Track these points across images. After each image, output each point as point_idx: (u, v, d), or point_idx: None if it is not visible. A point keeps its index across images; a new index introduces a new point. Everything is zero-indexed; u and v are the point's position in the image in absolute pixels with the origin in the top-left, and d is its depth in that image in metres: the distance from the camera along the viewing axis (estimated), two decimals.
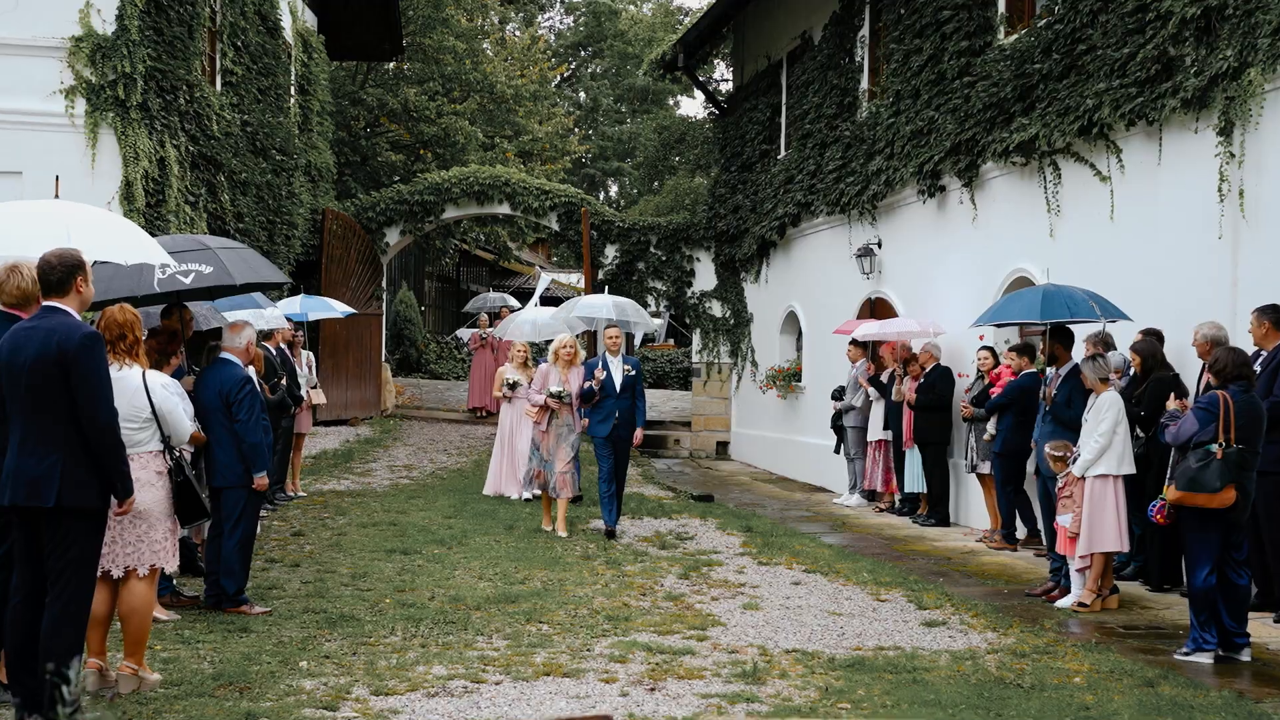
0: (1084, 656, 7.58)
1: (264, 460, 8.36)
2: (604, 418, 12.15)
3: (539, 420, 12.34)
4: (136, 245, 6.94)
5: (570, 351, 12.32)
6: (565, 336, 12.59)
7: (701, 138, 42.42)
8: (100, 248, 6.56)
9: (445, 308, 38.69)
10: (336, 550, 11.07)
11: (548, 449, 12.26)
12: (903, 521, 14.16)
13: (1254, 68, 9.31)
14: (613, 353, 12.26)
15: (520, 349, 15.17)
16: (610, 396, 12.10)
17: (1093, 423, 8.99)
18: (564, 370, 12.30)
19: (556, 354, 12.35)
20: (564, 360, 12.32)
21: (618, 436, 12.19)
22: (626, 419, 12.21)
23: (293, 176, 20.27)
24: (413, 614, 8.48)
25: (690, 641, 7.95)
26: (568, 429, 12.26)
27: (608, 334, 12.44)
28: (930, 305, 14.80)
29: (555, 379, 12.26)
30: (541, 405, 12.31)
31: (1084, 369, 9.05)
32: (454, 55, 28.10)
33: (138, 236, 7.09)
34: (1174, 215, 10.47)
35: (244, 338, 8.47)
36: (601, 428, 12.18)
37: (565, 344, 12.40)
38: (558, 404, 12.20)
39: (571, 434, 12.23)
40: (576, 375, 12.28)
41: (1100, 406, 8.98)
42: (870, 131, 16.17)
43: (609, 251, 23.23)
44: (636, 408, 12.31)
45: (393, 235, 23.92)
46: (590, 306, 14.77)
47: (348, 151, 27.08)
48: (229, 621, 8.10)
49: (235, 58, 18.15)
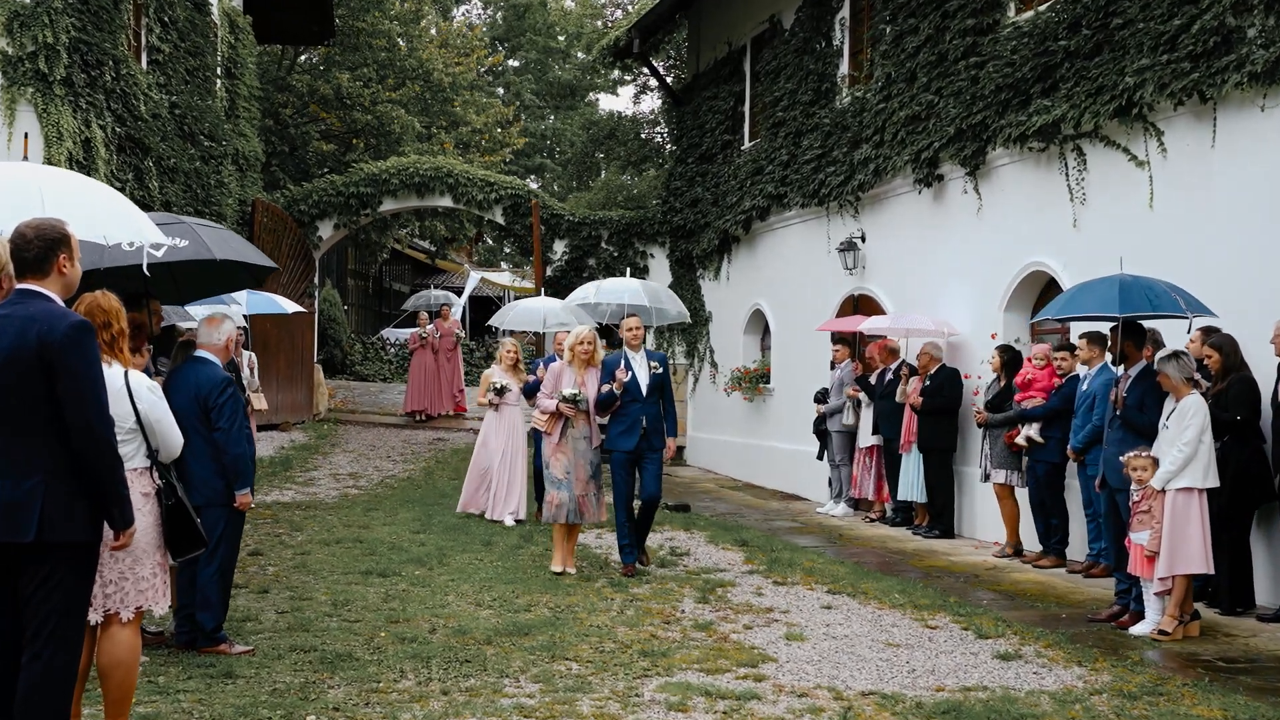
0: (1206, 698, 6.66)
1: (248, 474, 7.14)
2: (628, 427, 10.18)
3: (550, 431, 10.28)
4: (125, 220, 5.69)
5: (589, 349, 10.30)
6: (584, 330, 10.49)
7: (633, 133, 41.39)
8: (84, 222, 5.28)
9: (369, 307, 37.21)
10: (304, 572, 9.86)
11: (562, 466, 10.25)
12: (901, 533, 13.24)
13: None
14: (633, 348, 10.34)
15: (510, 349, 13.41)
16: (635, 401, 10.17)
17: (1175, 430, 8.09)
18: (580, 370, 10.30)
19: (573, 350, 10.33)
20: (580, 359, 10.29)
21: (645, 450, 10.25)
22: (655, 427, 10.23)
23: (221, 164, 18.89)
24: (417, 651, 7.33)
25: (748, 683, 6.90)
26: (585, 441, 10.30)
27: (626, 325, 10.48)
28: (925, 302, 13.90)
29: (569, 380, 10.26)
30: (554, 412, 10.29)
31: (1167, 369, 8.14)
32: (389, 40, 26.71)
33: (126, 209, 5.82)
34: (1233, 201, 9.65)
35: (223, 333, 7.23)
36: (625, 439, 10.19)
37: (584, 339, 10.35)
38: (573, 410, 10.21)
39: (590, 447, 10.33)
40: (594, 377, 10.35)
41: (1184, 412, 8.09)
42: (855, 118, 15.25)
43: (558, 247, 22.10)
44: (666, 413, 10.39)
45: (326, 229, 22.53)
46: (613, 292, 12.50)
47: (275, 140, 25.59)
48: (208, 664, 6.87)
49: (162, 34, 16.74)
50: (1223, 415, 8.63)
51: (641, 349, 10.35)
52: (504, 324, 14.42)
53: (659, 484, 10.34)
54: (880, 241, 15.05)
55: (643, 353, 10.32)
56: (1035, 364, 11.39)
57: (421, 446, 19.94)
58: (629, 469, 10.28)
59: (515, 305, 14.51)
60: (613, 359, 10.31)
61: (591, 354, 10.30)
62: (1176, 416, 8.10)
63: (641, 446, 10.19)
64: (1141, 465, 8.23)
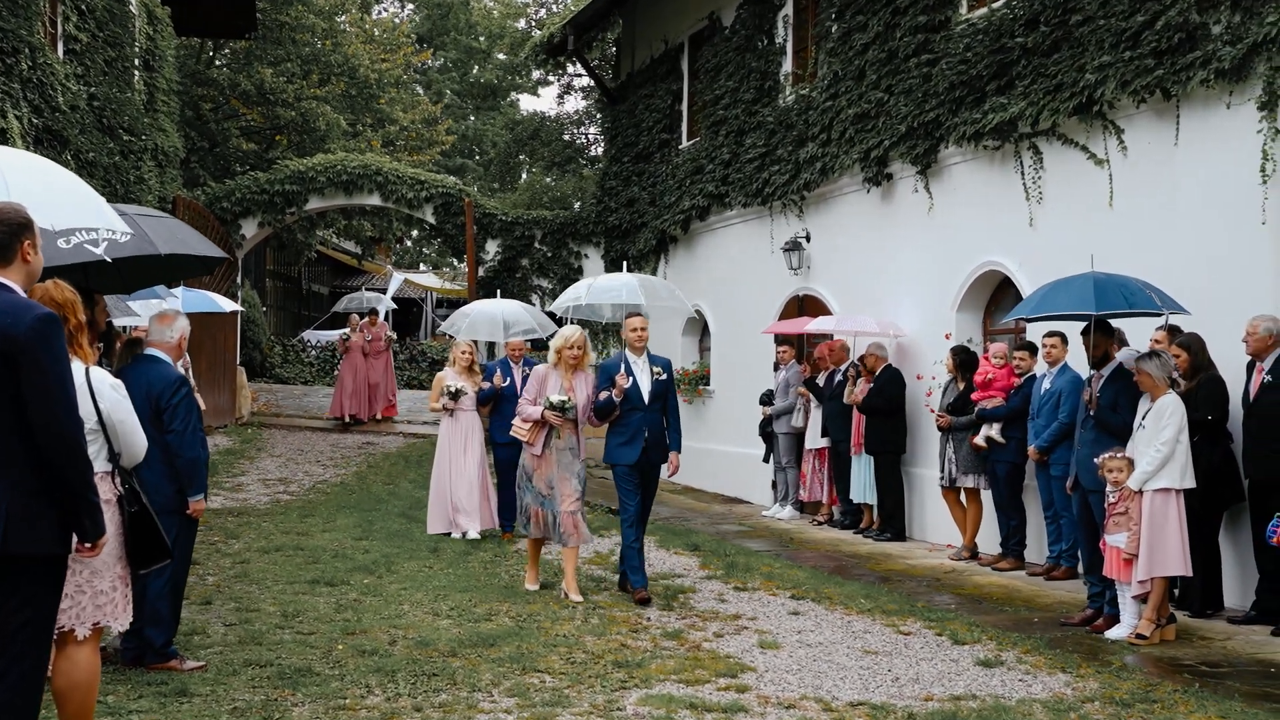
0: (1202, 705, 6.49)
1: (202, 480, 6.70)
2: (629, 438, 9.26)
3: (532, 441, 9.31)
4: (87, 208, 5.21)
5: (578, 353, 9.29)
6: (573, 332, 9.36)
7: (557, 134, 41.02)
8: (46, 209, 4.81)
9: (288, 309, 36.38)
10: (247, 582, 9.41)
11: (545, 480, 9.30)
12: (852, 536, 13.05)
13: None
14: (636, 351, 9.38)
15: (465, 349, 12.40)
16: (637, 409, 9.24)
17: (1152, 430, 7.95)
18: (567, 375, 9.31)
19: (560, 354, 9.30)
20: (568, 362, 9.29)
21: (647, 463, 9.33)
22: (658, 439, 9.32)
23: (141, 159, 18.22)
24: (380, 664, 6.94)
25: (731, 694, 6.62)
26: (571, 453, 9.30)
27: (630, 325, 9.45)
28: (873, 302, 13.75)
29: (556, 385, 9.29)
30: (537, 420, 9.27)
31: (1148, 368, 7.99)
32: (313, 34, 26.07)
33: (88, 196, 5.34)
34: (1197, 200, 9.58)
35: (176, 330, 6.77)
36: (627, 451, 9.27)
37: (573, 341, 9.27)
38: (559, 419, 9.21)
39: (576, 460, 9.32)
40: (583, 382, 9.37)
41: (1161, 411, 7.95)
42: (800, 116, 15.07)
43: (490, 247, 21.69)
44: (669, 424, 9.50)
45: (250, 227, 21.90)
46: (608, 290, 10.83)
47: (195, 136, 24.83)
48: (159, 682, 6.42)
49: (79, 23, 16.08)
50: (1192, 415, 8.52)
51: (645, 352, 9.44)
52: (459, 332, 13.06)
53: (653, 496, 9.61)
54: (826, 241, 14.88)
55: (645, 356, 9.41)
56: (994, 363, 11.25)
57: (351, 450, 19.40)
58: (635, 483, 9.33)
59: (470, 310, 13.34)
60: (612, 363, 9.44)
61: (580, 357, 9.35)
62: (1153, 416, 7.97)
63: (644, 460, 9.28)
64: (1117, 467, 8.08)
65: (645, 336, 9.40)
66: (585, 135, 41.36)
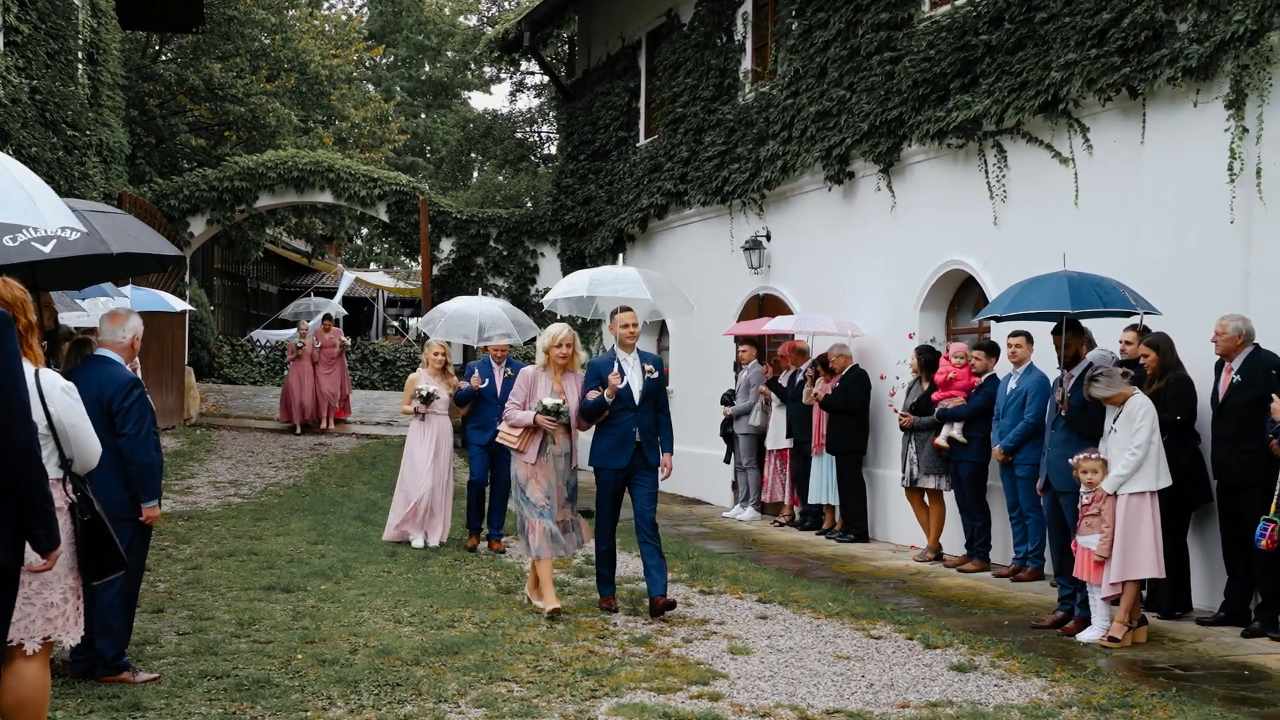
0: (1181, 710, 6.40)
1: (156, 485, 6.47)
2: (618, 441, 8.69)
3: (524, 449, 8.71)
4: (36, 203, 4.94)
5: (567, 351, 8.75)
6: (562, 330, 8.82)
7: (510, 132, 40.76)
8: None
9: (236, 308, 35.85)
10: (200, 589, 9.13)
11: (542, 490, 8.71)
12: (814, 537, 12.94)
13: (1275, 32, 8.42)
14: (627, 348, 8.78)
15: (438, 350, 11.74)
16: (626, 410, 8.65)
17: (1124, 433, 7.86)
18: (557, 376, 8.79)
19: (548, 353, 8.78)
20: (557, 362, 8.78)
21: (638, 467, 8.76)
22: (649, 441, 8.73)
23: (85, 155, 17.80)
24: (341, 674, 6.72)
25: (704, 702, 6.46)
26: (565, 459, 8.80)
27: (620, 321, 8.81)
28: (835, 302, 13.64)
29: (546, 387, 8.75)
30: (529, 426, 8.71)
31: (1099, 393, 7.81)
32: (262, 28, 25.62)
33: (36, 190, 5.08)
34: (1164, 198, 9.52)
35: (128, 330, 6.51)
36: (615, 456, 8.71)
37: (562, 340, 8.75)
38: (554, 424, 8.66)
39: (569, 466, 8.85)
40: (573, 384, 8.83)
41: (1133, 414, 7.85)
42: (761, 114, 14.94)
43: (444, 245, 21.42)
44: (662, 424, 8.91)
45: (198, 225, 21.48)
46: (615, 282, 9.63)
47: (141, 131, 24.33)
48: (111, 695, 6.16)
49: (20, 14, 15.64)
50: (1161, 415, 8.43)
51: (635, 350, 8.84)
52: (434, 332, 12.34)
53: (654, 506, 8.81)
54: (787, 240, 14.76)
55: (635, 354, 8.81)
56: (955, 362, 11.17)
57: (303, 452, 19.07)
58: (618, 491, 8.83)
59: (447, 308, 12.59)
60: (601, 361, 8.85)
61: (571, 357, 8.80)
62: (1125, 419, 7.87)
63: (634, 463, 8.73)
64: (1092, 468, 7.99)
65: (636, 333, 8.84)
66: (538, 134, 41.15)
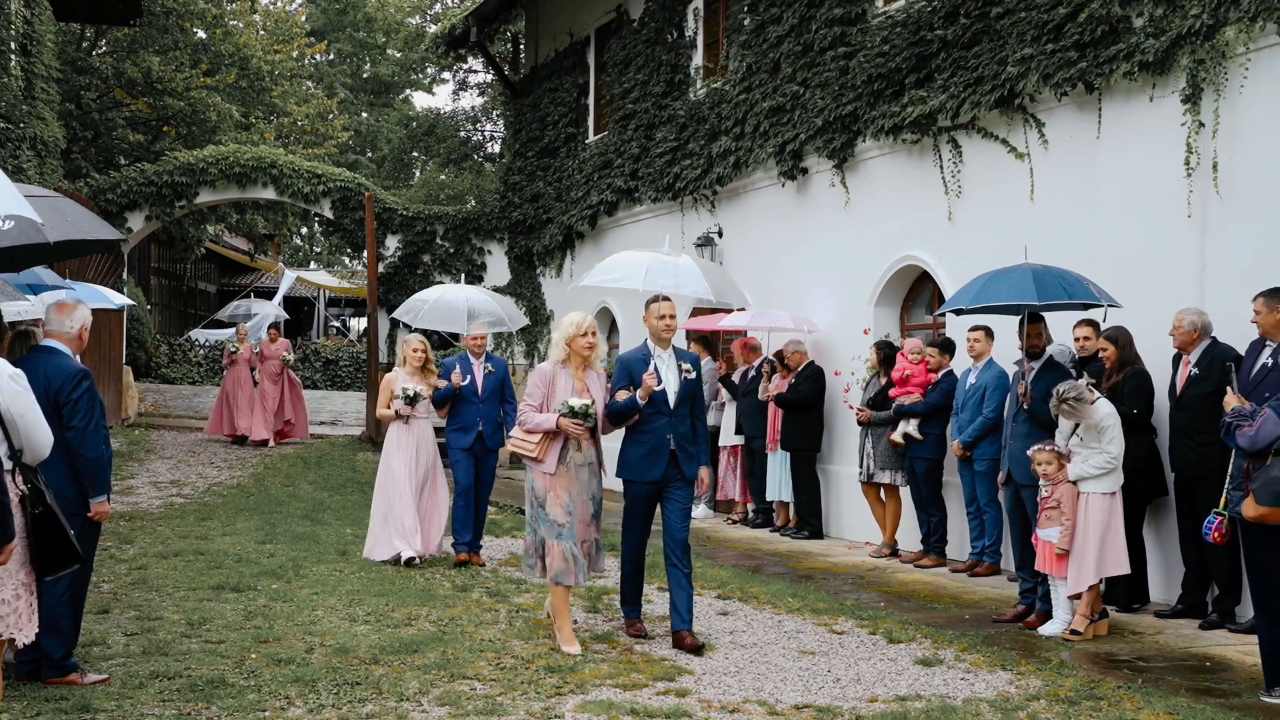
0: (1149, 702, 6.37)
1: (106, 480, 6.24)
2: (651, 449, 7.48)
3: (543, 458, 7.45)
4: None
5: (593, 341, 7.48)
6: (583, 318, 7.55)
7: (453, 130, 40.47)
8: None
9: (174, 307, 35.25)
10: (146, 589, 8.89)
11: (562, 506, 7.46)
12: (768, 534, 12.89)
13: (1231, 26, 8.47)
14: (663, 343, 7.59)
15: (417, 347, 10.57)
16: (660, 414, 7.45)
17: (1093, 436, 7.83)
18: (578, 373, 7.55)
19: (570, 345, 7.47)
20: (580, 354, 7.52)
21: (671, 479, 7.53)
22: (685, 450, 7.52)
23: (19, 149, 17.43)
24: (298, 674, 6.54)
25: (671, 698, 6.35)
26: (589, 469, 7.58)
27: (655, 311, 7.54)
28: (789, 298, 13.59)
29: (568, 386, 7.49)
30: (549, 431, 7.44)
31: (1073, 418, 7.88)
32: (201, 21, 25.20)
33: None
34: (1119, 193, 9.54)
35: (76, 320, 6.28)
36: (648, 467, 7.51)
37: (586, 328, 7.48)
38: (580, 429, 7.40)
39: (593, 477, 7.61)
40: (597, 382, 7.64)
41: (1101, 426, 7.78)
42: (713, 110, 14.88)
43: (390, 242, 21.19)
44: (699, 432, 7.70)
45: (136, 221, 21.09)
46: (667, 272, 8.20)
47: (77, 126, 23.84)
48: (58, 697, 5.95)
49: None
50: (1118, 409, 8.47)
51: (670, 346, 7.64)
52: (416, 321, 11.35)
53: (687, 524, 7.58)
54: (740, 236, 14.70)
55: (671, 350, 7.62)
56: (910, 358, 11.15)
57: (248, 453, 18.74)
58: (649, 507, 7.70)
59: (426, 296, 11.63)
60: (632, 357, 7.64)
61: (593, 348, 7.52)
62: (1092, 430, 7.84)
63: (668, 475, 7.55)
64: (1046, 460, 7.97)
65: (673, 326, 7.55)
66: (482, 132, 40.88)
